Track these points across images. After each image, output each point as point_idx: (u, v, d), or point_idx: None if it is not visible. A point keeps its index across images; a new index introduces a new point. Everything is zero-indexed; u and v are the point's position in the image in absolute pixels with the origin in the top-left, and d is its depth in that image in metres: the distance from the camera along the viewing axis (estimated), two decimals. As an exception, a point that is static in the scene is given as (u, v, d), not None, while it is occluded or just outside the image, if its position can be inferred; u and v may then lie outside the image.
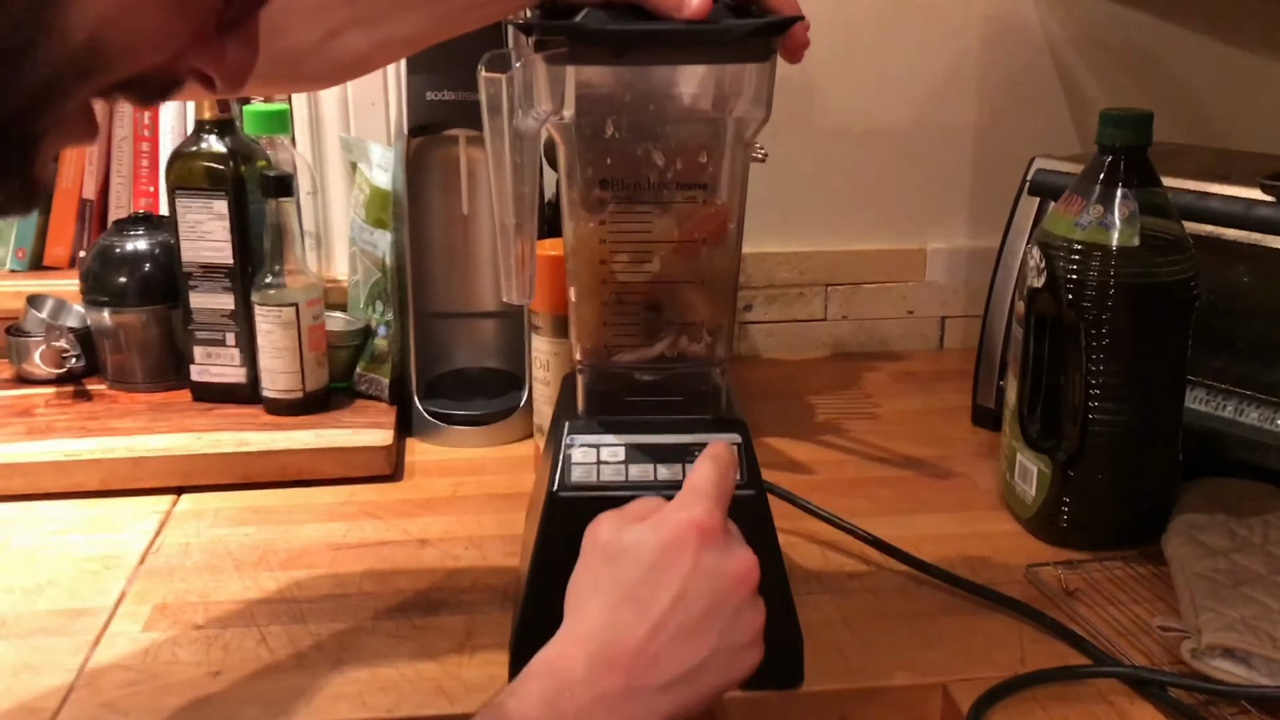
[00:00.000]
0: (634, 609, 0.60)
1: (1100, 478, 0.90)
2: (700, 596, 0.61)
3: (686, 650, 0.60)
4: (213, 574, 0.89)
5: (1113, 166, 0.88)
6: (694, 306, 0.77)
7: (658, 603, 0.60)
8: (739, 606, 0.62)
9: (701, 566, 0.61)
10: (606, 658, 0.59)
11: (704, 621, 0.61)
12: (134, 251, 1.16)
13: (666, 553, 0.62)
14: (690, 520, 0.63)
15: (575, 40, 0.66)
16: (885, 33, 1.31)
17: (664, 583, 0.61)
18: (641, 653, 0.59)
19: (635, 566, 0.62)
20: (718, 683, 0.62)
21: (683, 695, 0.60)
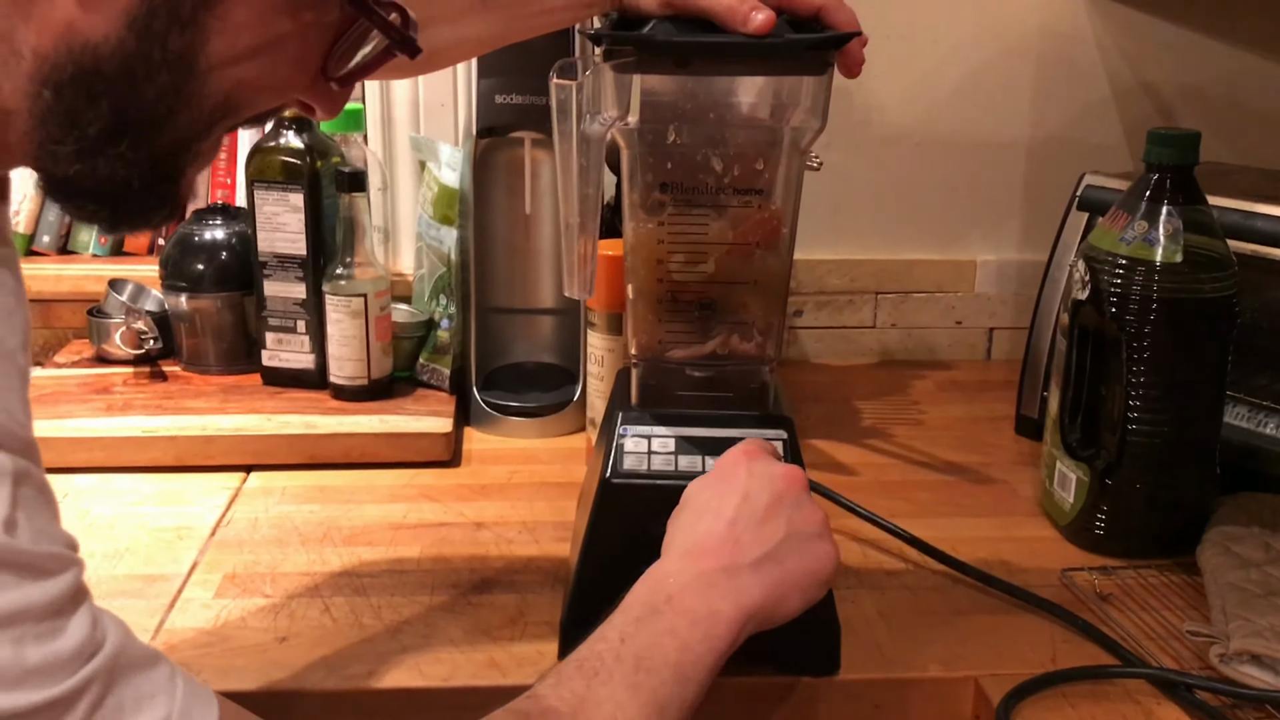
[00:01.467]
0: (709, 517, 0.69)
1: (1138, 487, 0.92)
2: (761, 493, 0.69)
3: (763, 533, 0.68)
4: (280, 547, 0.93)
5: (1159, 184, 0.90)
6: (746, 306, 0.80)
7: (728, 505, 0.69)
8: (797, 500, 0.70)
9: (755, 473, 0.70)
10: (696, 552, 0.67)
11: (771, 510, 0.69)
12: (211, 240, 1.21)
13: (722, 474, 0.72)
14: (735, 449, 0.73)
15: (642, 50, 0.70)
16: (941, 47, 1.34)
17: (727, 491, 0.70)
18: (726, 540, 0.67)
19: (700, 494, 0.71)
20: (801, 564, 0.68)
21: (773, 573, 0.66)
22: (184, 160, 0.53)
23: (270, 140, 1.15)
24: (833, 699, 0.78)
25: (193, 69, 0.49)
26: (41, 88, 0.48)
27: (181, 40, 0.48)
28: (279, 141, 1.14)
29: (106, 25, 0.47)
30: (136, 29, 0.47)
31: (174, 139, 0.51)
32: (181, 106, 0.50)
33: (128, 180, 0.51)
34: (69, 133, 0.49)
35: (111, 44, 0.47)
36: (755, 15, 0.68)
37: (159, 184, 0.52)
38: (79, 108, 0.48)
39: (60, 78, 0.48)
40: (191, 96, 0.50)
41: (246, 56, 0.50)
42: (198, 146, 0.53)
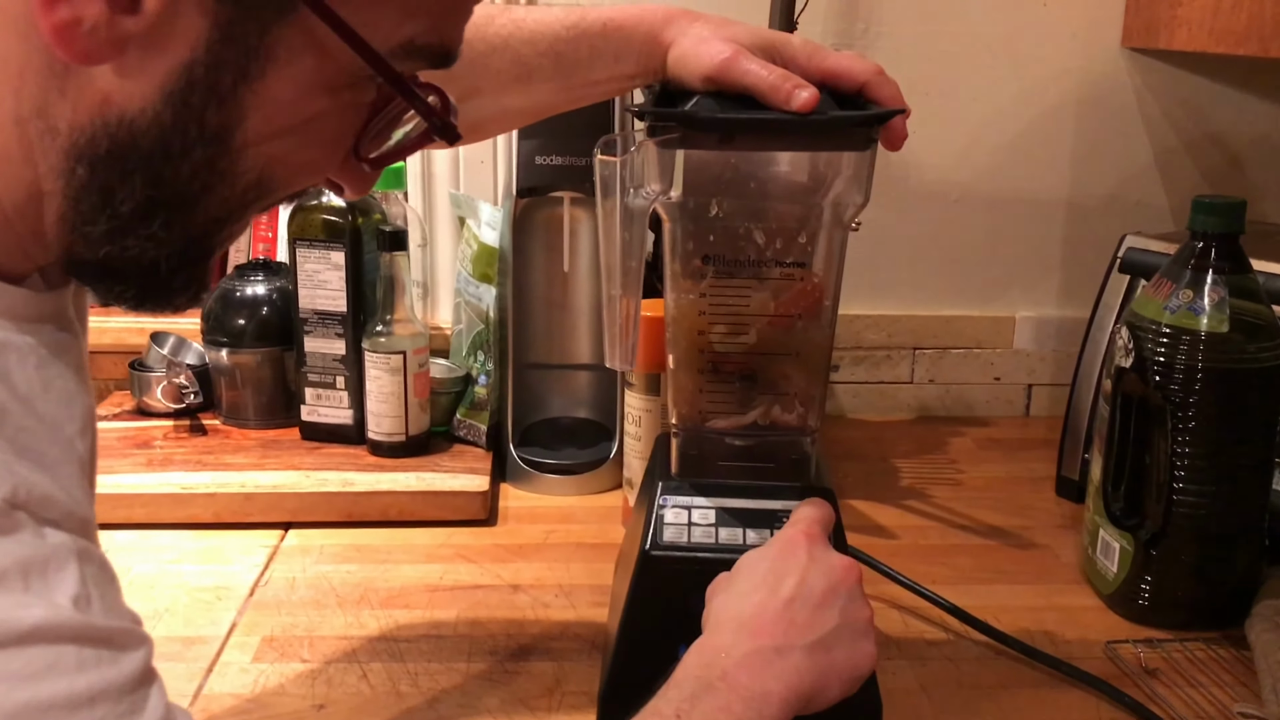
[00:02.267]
0: (765, 591, 0.68)
1: (1183, 558, 0.91)
2: (818, 580, 0.68)
3: (817, 619, 0.67)
4: (317, 609, 0.93)
5: (1204, 252, 0.89)
6: (787, 377, 0.80)
7: (785, 585, 0.68)
8: (851, 593, 0.69)
9: (816, 557, 0.70)
10: (752, 627, 0.66)
11: (826, 598, 0.68)
12: (253, 295, 1.22)
13: (782, 552, 0.70)
14: (796, 530, 0.72)
15: (686, 127, 0.70)
16: (981, 104, 1.34)
17: (786, 571, 0.69)
18: (781, 619, 0.66)
19: (758, 566, 0.70)
20: (848, 657, 0.67)
21: (822, 660, 0.66)
22: (214, 242, 0.53)
23: (312, 199, 1.16)
24: (874, 776, 0.77)
25: (228, 145, 0.48)
26: (75, 164, 0.47)
27: (219, 116, 0.48)
28: (321, 200, 1.15)
29: (144, 98, 0.46)
30: (174, 103, 0.47)
31: (207, 218, 0.51)
32: (215, 183, 0.49)
33: (156, 261, 0.51)
34: (101, 211, 0.48)
35: (148, 117, 0.47)
36: (799, 93, 0.68)
37: (187, 266, 0.52)
38: (112, 184, 0.48)
39: (95, 152, 0.47)
40: (225, 173, 0.49)
41: (282, 134, 0.50)
42: (229, 227, 0.53)
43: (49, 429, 0.50)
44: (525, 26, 0.77)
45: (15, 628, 0.42)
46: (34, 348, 0.50)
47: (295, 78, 0.49)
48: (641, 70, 0.77)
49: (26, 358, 0.49)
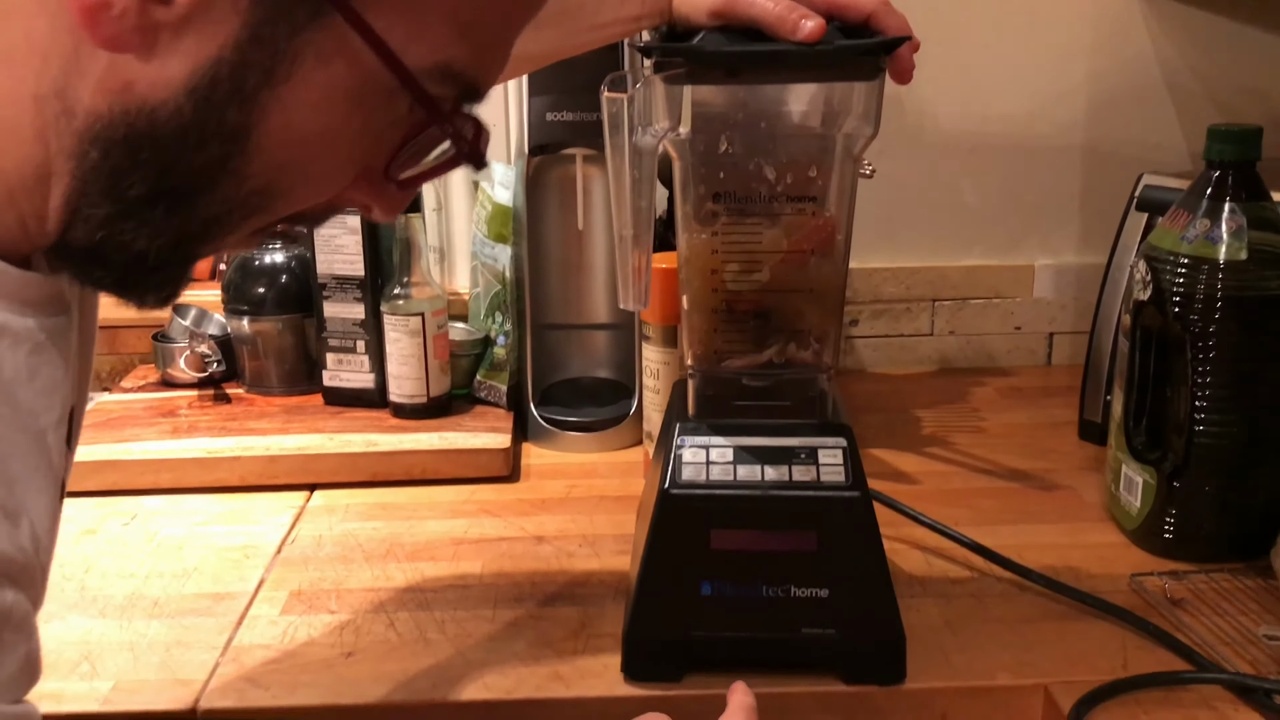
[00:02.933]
0: None
1: (1206, 490, 0.90)
2: None
3: None
4: (344, 564, 0.94)
5: (1220, 181, 0.89)
6: (802, 314, 0.80)
7: None
8: None
9: None
10: None
11: None
12: (272, 264, 1.23)
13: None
14: None
15: (692, 61, 0.70)
16: (993, 51, 1.33)
17: None
18: None
19: None
20: None
21: None
22: (203, 245, 0.52)
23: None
24: (900, 708, 0.78)
25: (244, 145, 0.48)
26: (90, 147, 0.47)
27: (239, 115, 0.47)
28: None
29: (167, 90, 0.46)
30: (196, 98, 0.46)
31: (206, 215, 0.50)
32: (223, 180, 0.49)
33: (146, 252, 0.50)
34: (108, 195, 0.48)
35: (169, 109, 0.47)
36: (805, 23, 0.68)
37: (172, 264, 0.51)
38: (123, 169, 0.47)
39: (111, 137, 0.47)
40: (235, 173, 0.49)
41: (299, 142, 0.49)
42: (222, 234, 0.52)
43: (24, 419, 0.50)
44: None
45: None
46: (31, 333, 0.50)
47: (321, 84, 0.48)
48: (646, 11, 0.77)
49: (21, 343, 0.49)
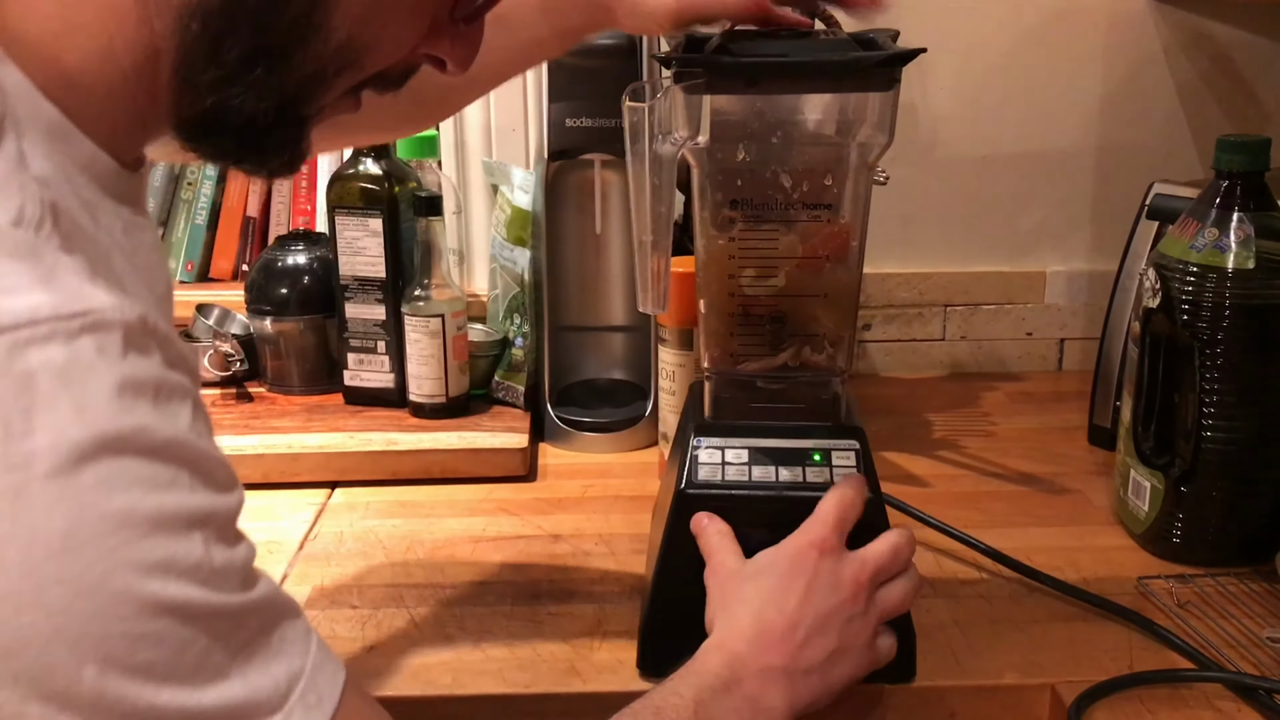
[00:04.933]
0: (775, 608, 0.71)
1: (1214, 495, 0.92)
2: (823, 600, 0.71)
3: (818, 644, 0.71)
4: (365, 560, 0.96)
5: (1229, 191, 0.90)
6: (817, 319, 0.82)
7: (789, 604, 0.71)
8: (851, 616, 0.72)
9: (820, 575, 0.72)
10: (763, 642, 0.70)
11: (829, 620, 0.71)
12: (294, 265, 1.25)
13: (791, 568, 0.73)
14: (810, 541, 0.74)
15: (711, 72, 0.72)
16: (1006, 59, 1.34)
17: (793, 587, 0.72)
18: (788, 640, 0.70)
19: (770, 577, 0.73)
20: (844, 675, 0.72)
21: (820, 682, 0.70)
22: (309, 105, 0.56)
23: (349, 168, 1.18)
24: (909, 706, 0.79)
25: None
26: (190, 20, 0.50)
27: None
28: (358, 169, 1.18)
29: None
30: None
31: (302, 74, 0.54)
32: (310, 36, 0.53)
33: (255, 114, 0.53)
34: (211, 61, 0.51)
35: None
36: None
37: (284, 125, 0.55)
38: (222, 35, 0.51)
39: (208, 8, 0.50)
40: (320, 27, 0.52)
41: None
42: (322, 93, 0.56)
43: (144, 282, 0.53)
44: None
45: (153, 437, 0.44)
46: (120, 214, 0.53)
47: None
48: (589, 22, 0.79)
49: (114, 221, 0.53)
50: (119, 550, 0.42)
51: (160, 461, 0.44)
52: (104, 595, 0.42)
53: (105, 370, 0.43)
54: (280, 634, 0.49)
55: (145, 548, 0.43)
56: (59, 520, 0.41)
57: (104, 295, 0.45)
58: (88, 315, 0.43)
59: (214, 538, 0.46)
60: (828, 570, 0.72)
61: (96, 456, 0.42)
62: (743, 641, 0.70)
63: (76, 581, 0.41)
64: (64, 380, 0.42)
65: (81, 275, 0.45)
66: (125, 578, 0.42)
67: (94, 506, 0.42)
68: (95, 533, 0.42)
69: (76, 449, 0.42)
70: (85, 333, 0.43)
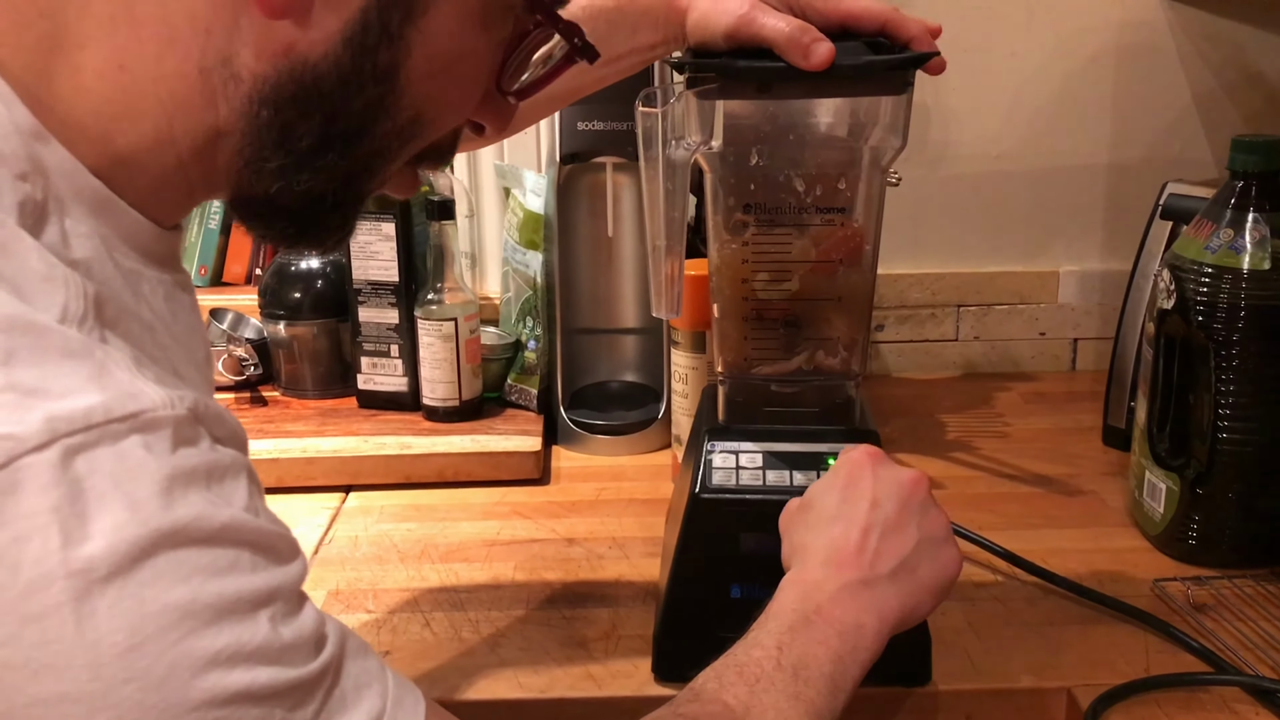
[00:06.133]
0: (842, 524, 0.69)
1: (1230, 496, 0.91)
2: (889, 499, 0.69)
3: (896, 542, 0.68)
4: (380, 564, 0.97)
5: (1244, 191, 0.90)
6: (830, 323, 0.82)
7: (859, 512, 0.69)
8: (924, 504, 0.70)
9: (881, 478, 0.70)
10: (837, 561, 0.67)
11: (901, 518, 0.69)
12: (308, 270, 1.26)
13: (850, 478, 0.71)
14: (858, 454, 0.73)
15: (724, 77, 0.72)
16: (1019, 59, 1.34)
17: (856, 497, 0.70)
18: (862, 551, 0.67)
19: (829, 498, 0.71)
20: (933, 572, 0.69)
21: (908, 583, 0.67)
22: (371, 180, 0.56)
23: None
24: (925, 709, 0.79)
25: (395, 81, 0.52)
26: (260, 108, 0.50)
27: (389, 54, 0.51)
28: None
29: (325, 44, 0.50)
30: (352, 46, 0.50)
31: (369, 151, 0.54)
32: (382, 117, 0.53)
33: (323, 195, 0.54)
34: (280, 148, 0.51)
35: (329, 61, 0.50)
36: (815, 48, 0.69)
37: (346, 203, 0.56)
38: (294, 123, 0.51)
39: (280, 96, 0.50)
40: (390, 109, 0.53)
41: (440, 71, 0.53)
42: (385, 166, 0.56)
43: (186, 352, 0.53)
44: None
45: (208, 524, 0.44)
46: (162, 281, 0.53)
47: (454, 12, 0.52)
48: (663, 39, 0.79)
49: (156, 289, 0.52)
50: (184, 642, 0.42)
51: (218, 547, 0.44)
52: (173, 689, 0.42)
53: (155, 466, 0.43)
54: (355, 682, 0.49)
55: (210, 636, 0.43)
56: (121, 619, 0.41)
57: (154, 391, 0.44)
58: (139, 416, 0.43)
59: (280, 614, 0.46)
60: (887, 474, 0.71)
61: (154, 552, 0.42)
62: (816, 566, 0.68)
63: (144, 678, 0.41)
64: (115, 482, 0.42)
65: (129, 368, 0.45)
66: (193, 669, 0.42)
67: (155, 601, 0.42)
68: (159, 628, 0.42)
69: (134, 548, 0.42)
70: (135, 433, 0.43)
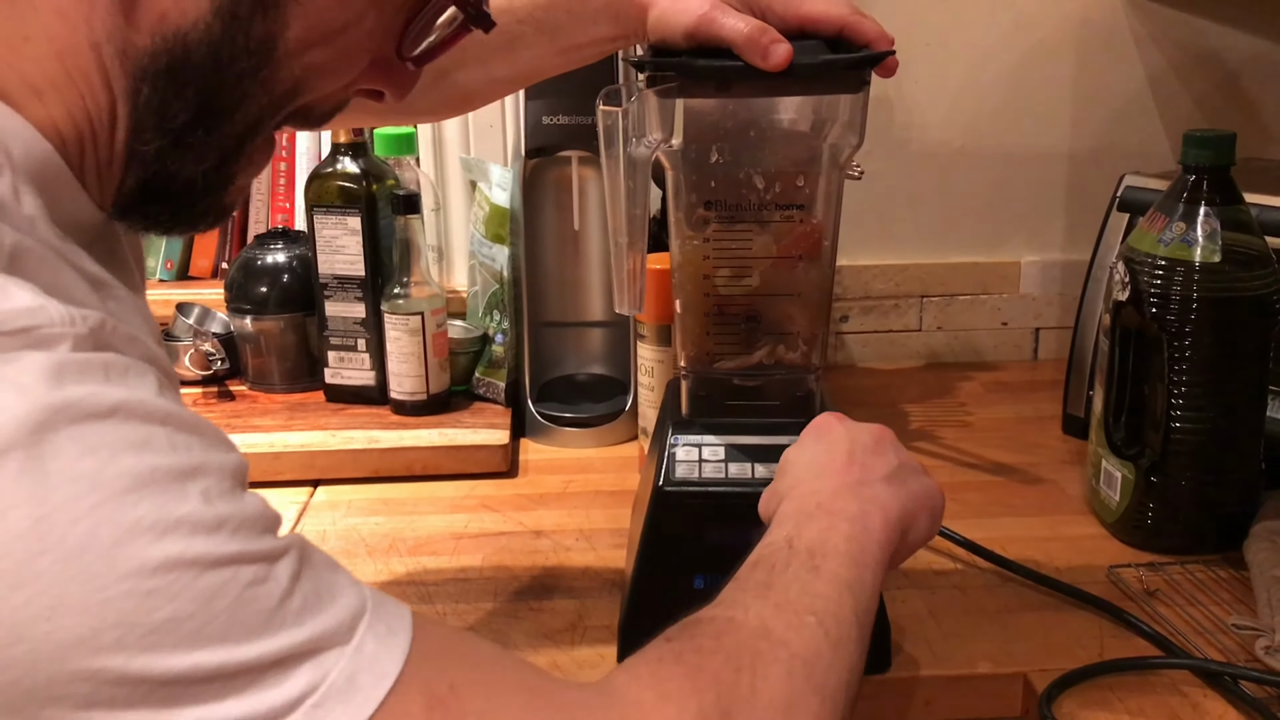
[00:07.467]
0: (825, 448, 0.70)
1: (1183, 484, 0.93)
2: (864, 436, 0.71)
3: (880, 460, 0.69)
4: (348, 559, 0.97)
5: (1196, 185, 0.91)
6: (790, 317, 0.83)
7: (839, 445, 0.70)
8: (894, 443, 0.72)
9: (850, 426, 0.73)
10: (828, 472, 0.68)
11: (879, 446, 0.71)
12: (274, 263, 1.26)
13: (820, 431, 0.73)
14: (821, 415, 0.75)
15: (684, 76, 0.73)
16: (979, 51, 1.36)
17: (832, 437, 0.71)
18: (850, 463, 0.68)
19: (805, 448, 0.72)
20: (921, 488, 0.70)
21: (901, 489, 0.68)
22: (242, 160, 0.54)
23: (327, 166, 1.19)
24: (884, 696, 0.81)
25: (272, 53, 0.51)
26: (141, 83, 0.49)
27: (264, 26, 0.50)
28: (336, 167, 1.18)
29: (196, 12, 0.49)
30: (223, 15, 0.49)
31: (241, 128, 0.53)
32: (256, 91, 0.52)
33: (193, 179, 0.53)
34: (158, 129, 0.50)
35: (200, 31, 0.49)
36: (774, 49, 0.70)
37: (219, 186, 0.54)
38: (169, 100, 0.50)
39: (156, 69, 0.49)
40: (266, 81, 0.52)
41: (321, 41, 0.52)
42: (256, 140, 0.54)
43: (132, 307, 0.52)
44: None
45: (103, 400, 0.41)
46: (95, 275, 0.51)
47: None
48: (622, 33, 0.79)
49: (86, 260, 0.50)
50: (98, 510, 0.40)
51: (124, 422, 0.42)
52: (93, 558, 0.39)
53: (45, 359, 0.41)
54: (330, 581, 0.45)
55: (128, 505, 0.40)
56: (24, 491, 0.39)
57: (55, 308, 0.42)
58: (32, 331, 0.41)
59: (213, 490, 0.43)
60: (854, 424, 0.72)
61: (50, 426, 0.40)
62: (809, 481, 0.68)
63: (58, 549, 0.39)
64: (1, 377, 0.40)
65: (34, 290, 0.42)
66: (114, 538, 0.40)
67: (59, 474, 0.39)
68: (66, 497, 0.39)
69: (25, 423, 0.39)
70: (27, 348, 0.41)
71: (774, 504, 0.69)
